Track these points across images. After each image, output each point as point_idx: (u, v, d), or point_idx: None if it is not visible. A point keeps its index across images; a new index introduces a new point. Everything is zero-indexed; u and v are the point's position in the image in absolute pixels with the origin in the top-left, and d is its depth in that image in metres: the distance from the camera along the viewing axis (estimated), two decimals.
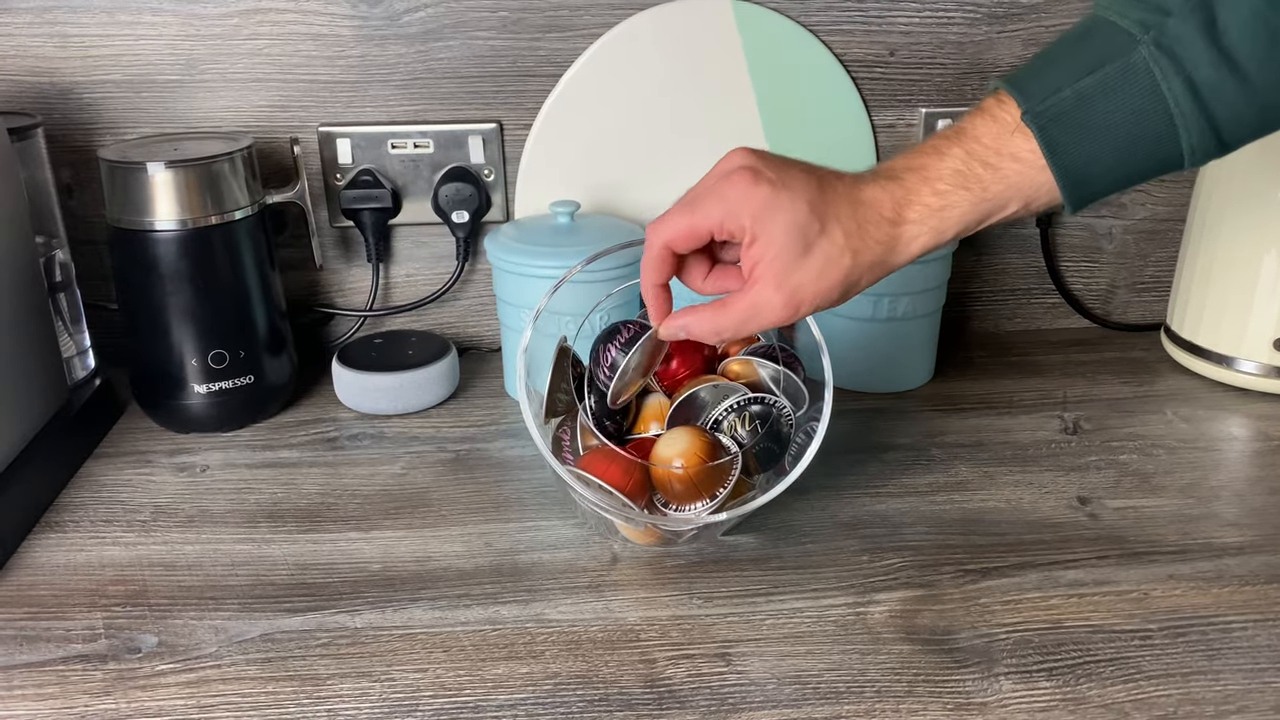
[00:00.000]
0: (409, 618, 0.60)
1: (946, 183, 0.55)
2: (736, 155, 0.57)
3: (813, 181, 0.56)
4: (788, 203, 0.55)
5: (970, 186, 0.55)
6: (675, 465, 0.60)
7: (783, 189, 0.55)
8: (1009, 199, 0.55)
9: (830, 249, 0.55)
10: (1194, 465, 0.76)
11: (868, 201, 0.56)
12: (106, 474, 0.76)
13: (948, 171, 0.55)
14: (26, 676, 0.56)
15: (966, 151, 0.55)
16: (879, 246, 0.56)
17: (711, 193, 0.56)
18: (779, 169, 0.56)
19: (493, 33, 0.87)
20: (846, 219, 0.55)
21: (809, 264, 0.55)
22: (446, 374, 0.86)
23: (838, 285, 0.56)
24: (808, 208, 0.55)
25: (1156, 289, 1.00)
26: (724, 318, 0.57)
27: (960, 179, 0.55)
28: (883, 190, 0.56)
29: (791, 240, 0.55)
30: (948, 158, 0.55)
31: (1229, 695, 0.54)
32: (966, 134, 0.55)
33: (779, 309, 0.56)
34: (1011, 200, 0.55)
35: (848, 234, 0.55)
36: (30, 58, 0.85)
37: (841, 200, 0.56)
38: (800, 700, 0.54)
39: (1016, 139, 0.54)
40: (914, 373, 0.89)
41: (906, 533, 0.68)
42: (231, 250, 0.79)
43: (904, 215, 0.56)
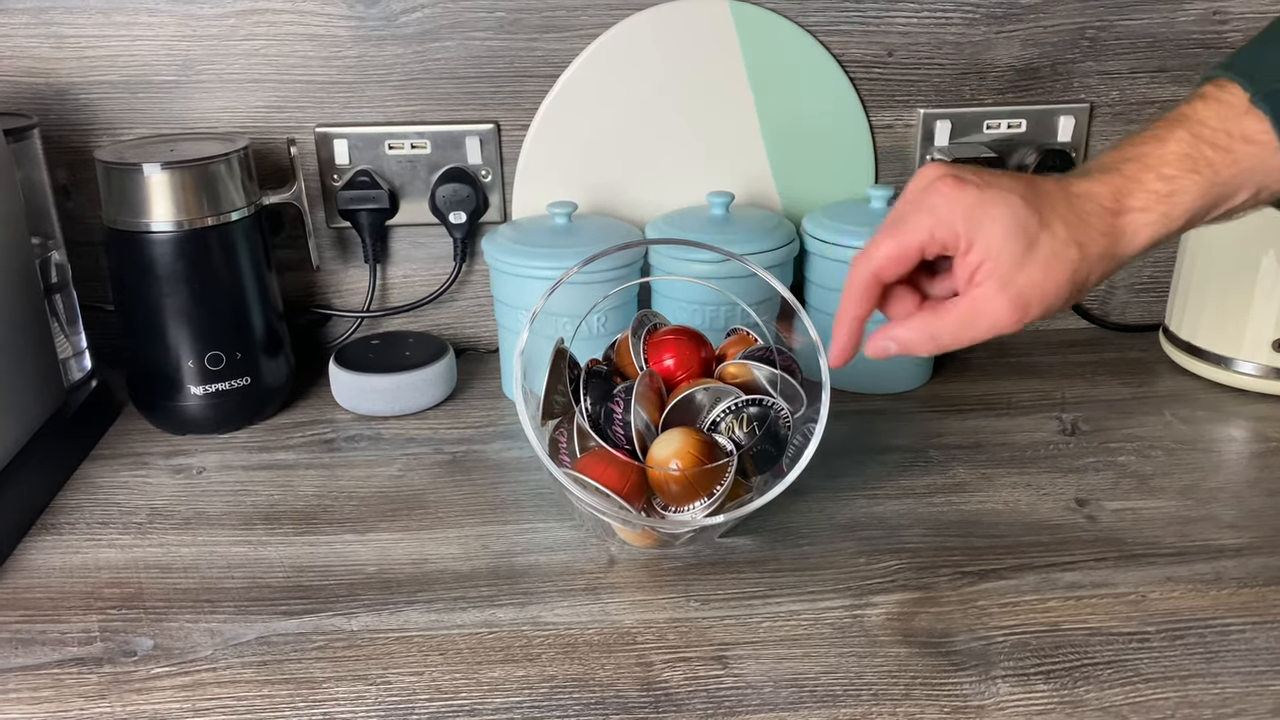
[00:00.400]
0: (405, 620, 0.60)
1: (1173, 167, 0.52)
2: (931, 169, 0.55)
3: (1020, 180, 0.54)
4: (1000, 200, 0.52)
5: (1200, 170, 0.52)
6: (672, 467, 0.60)
7: (991, 188, 0.53)
8: (1241, 184, 0.52)
9: (1054, 243, 0.52)
10: (1192, 467, 0.76)
11: (1083, 194, 0.53)
12: (102, 476, 0.76)
13: (1173, 156, 0.52)
14: (21, 680, 0.56)
15: (1193, 135, 0.52)
16: (1103, 238, 0.53)
17: (915, 207, 0.54)
18: (980, 172, 0.54)
19: (490, 33, 0.87)
20: (1065, 211, 0.53)
21: (1034, 261, 0.52)
22: (444, 375, 0.86)
23: (1066, 282, 0.53)
24: (1022, 202, 0.52)
25: (1155, 290, 1.00)
26: (941, 322, 0.54)
27: (1189, 163, 0.52)
28: (1097, 183, 0.54)
29: (1011, 237, 0.52)
30: (1170, 142, 0.53)
31: (1227, 698, 0.54)
32: (1190, 119, 0.53)
33: (1005, 312, 0.53)
34: (1244, 186, 0.52)
35: (1069, 226, 0.52)
36: (26, 58, 0.85)
37: (1055, 195, 0.53)
38: (797, 703, 0.53)
39: (1248, 121, 0.51)
40: (912, 374, 0.89)
41: (904, 535, 0.68)
42: (228, 251, 0.79)
43: (1126, 204, 0.53)
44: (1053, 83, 0.92)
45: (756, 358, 0.67)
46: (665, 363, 0.66)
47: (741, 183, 0.92)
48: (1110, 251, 0.53)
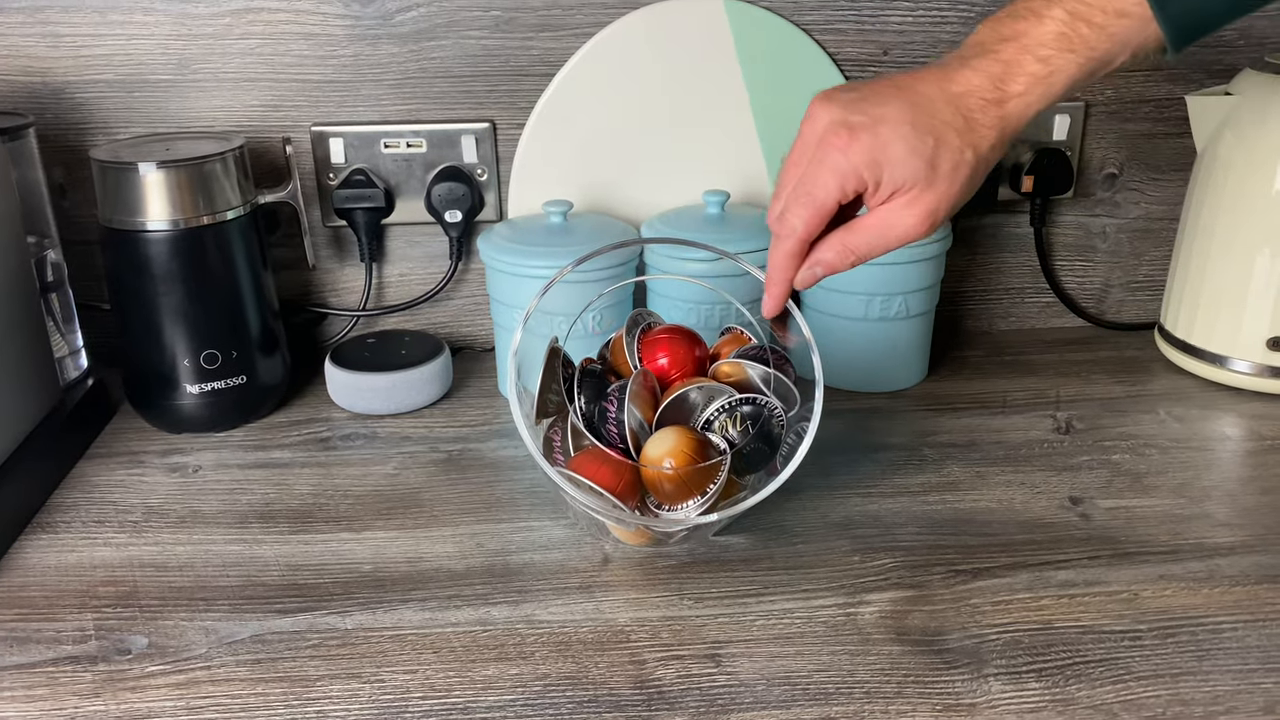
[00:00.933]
0: (399, 619, 0.60)
1: (1049, 48, 0.54)
2: (818, 110, 0.56)
3: (904, 99, 0.55)
4: (894, 136, 0.54)
5: (1076, 48, 0.53)
6: (665, 465, 0.60)
7: (880, 126, 0.54)
8: (1116, 54, 0.54)
9: (951, 155, 0.54)
10: (1186, 465, 0.76)
11: (965, 92, 0.55)
12: (98, 474, 0.76)
13: (1050, 36, 0.54)
14: (16, 678, 0.56)
15: (1069, 13, 0.53)
16: (992, 131, 0.55)
17: (817, 165, 0.56)
18: (865, 106, 0.55)
19: (485, 32, 0.87)
20: (952, 117, 0.54)
21: (937, 178, 0.55)
22: (439, 374, 0.86)
23: (967, 182, 0.55)
24: (913, 130, 0.54)
25: (1150, 288, 1.00)
26: (855, 238, 0.57)
27: (1065, 41, 0.53)
28: (976, 72, 0.55)
29: (913, 167, 0.54)
30: (1047, 20, 0.54)
31: (1218, 696, 0.54)
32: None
33: (916, 223, 0.56)
34: (1119, 54, 0.54)
35: (960, 133, 0.54)
36: (22, 57, 0.85)
37: (939, 103, 0.55)
38: (789, 701, 0.54)
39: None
40: (907, 372, 0.89)
41: (898, 533, 0.68)
42: (224, 250, 0.79)
43: (1008, 90, 0.54)
44: None
45: (750, 357, 0.67)
46: (659, 361, 0.66)
47: (737, 181, 0.92)
48: (1001, 139, 0.55)
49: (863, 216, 0.57)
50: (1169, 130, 0.94)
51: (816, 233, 0.58)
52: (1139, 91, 0.93)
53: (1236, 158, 0.83)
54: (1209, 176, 0.85)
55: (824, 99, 0.57)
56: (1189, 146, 0.88)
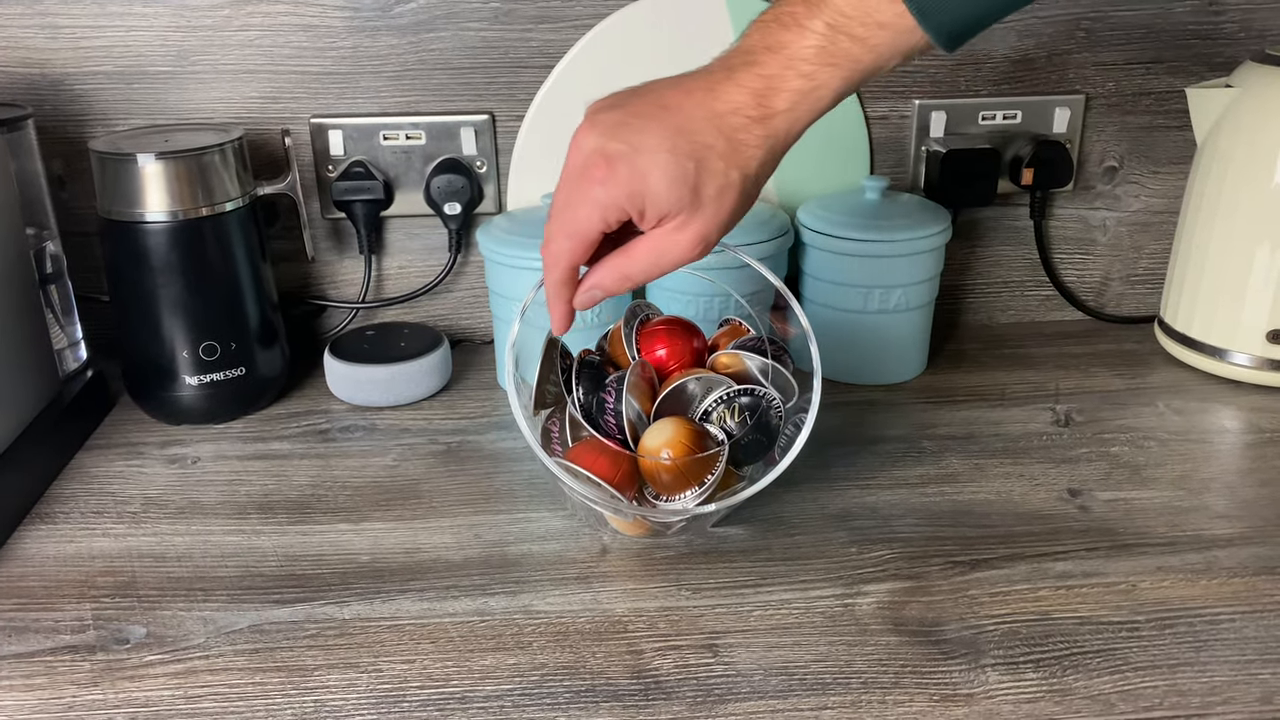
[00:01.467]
0: (397, 609, 0.60)
1: (811, 63, 0.52)
2: (582, 135, 0.55)
3: (665, 124, 0.53)
4: (652, 167, 0.52)
5: (838, 62, 0.52)
6: (663, 456, 0.60)
7: (639, 155, 0.53)
8: (882, 63, 0.53)
9: (716, 180, 0.53)
10: (1185, 457, 0.76)
11: (728, 109, 0.53)
12: (97, 465, 0.76)
13: (811, 51, 0.52)
14: (14, 667, 0.56)
15: (829, 25, 0.52)
16: (759, 150, 0.54)
17: (579, 197, 0.55)
18: (625, 133, 0.54)
19: (484, 24, 0.87)
20: (716, 140, 0.53)
21: (704, 203, 0.53)
22: (438, 366, 0.86)
23: (737, 203, 0.55)
24: (672, 159, 0.52)
25: (1150, 281, 1.00)
26: (632, 263, 0.56)
27: (826, 56, 0.52)
28: (739, 88, 0.53)
29: (677, 195, 0.53)
30: (809, 33, 0.52)
31: (1215, 686, 0.54)
32: (827, 2, 0.52)
33: (688, 247, 0.55)
34: (885, 63, 0.53)
35: (725, 157, 0.53)
36: (21, 49, 0.85)
37: (701, 124, 0.53)
38: (786, 691, 0.54)
39: (883, 5, 0.51)
40: (906, 365, 0.89)
41: (896, 525, 0.68)
42: (222, 242, 0.79)
43: (772, 107, 0.53)
44: (1048, 74, 0.92)
45: (748, 348, 0.67)
46: (657, 353, 0.66)
47: None
48: (770, 156, 0.54)
49: (637, 240, 0.56)
50: (1169, 123, 0.94)
51: (582, 260, 0.57)
52: (1139, 84, 0.93)
53: (1237, 150, 0.83)
54: (1209, 169, 0.85)
55: (589, 121, 0.55)
56: (1189, 139, 0.88)
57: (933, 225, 0.84)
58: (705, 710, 0.53)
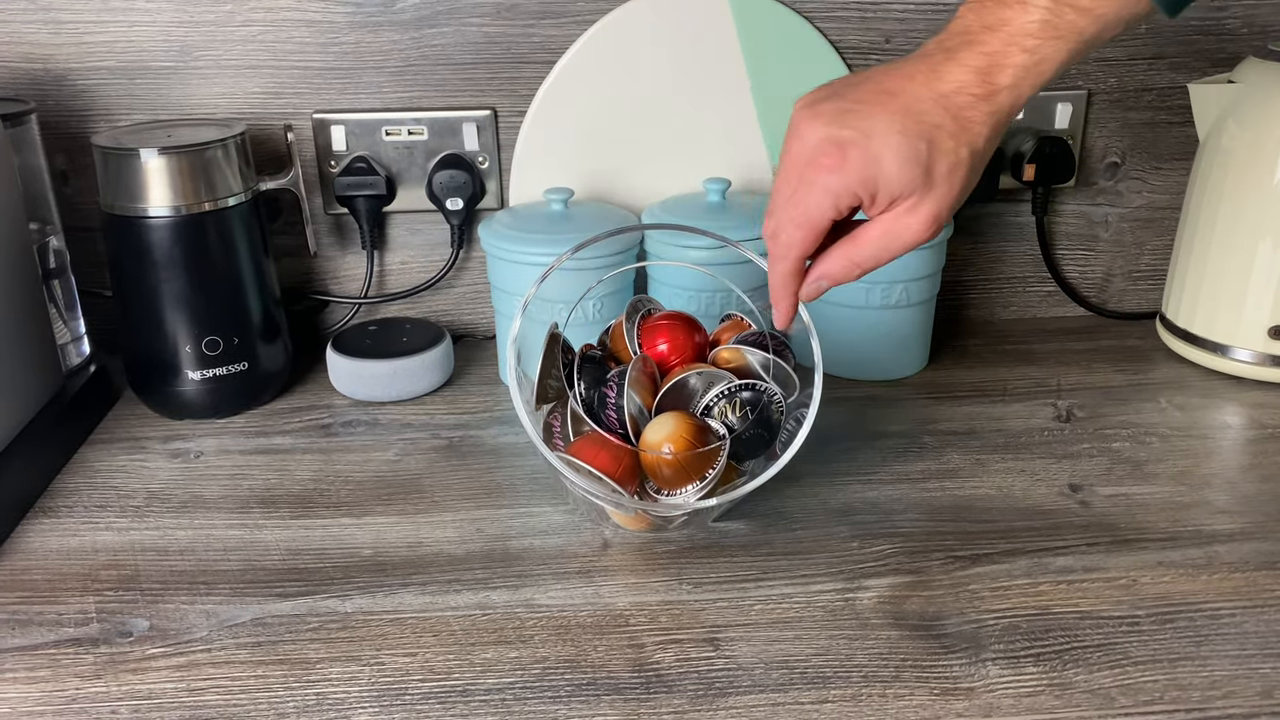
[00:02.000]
0: (399, 602, 0.61)
1: (1036, 37, 0.52)
2: (805, 126, 0.54)
3: (892, 107, 0.53)
4: (885, 148, 0.53)
5: (1063, 34, 0.52)
6: (664, 451, 0.60)
7: (871, 140, 0.53)
8: (1105, 32, 0.52)
9: (947, 159, 0.53)
10: (1187, 453, 0.76)
11: (953, 89, 0.53)
12: (101, 460, 0.77)
13: (1035, 26, 0.52)
14: (18, 660, 0.56)
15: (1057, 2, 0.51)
16: (985, 127, 0.53)
17: (809, 185, 0.54)
18: (853, 120, 0.53)
19: (487, 19, 0.87)
20: (944, 120, 0.53)
21: (935, 182, 0.54)
22: (441, 361, 0.86)
23: (967, 179, 0.54)
24: (904, 140, 0.53)
25: (1152, 277, 1.00)
26: (861, 250, 0.56)
27: (1050, 30, 0.52)
28: (962, 67, 0.53)
29: (910, 176, 0.53)
30: (1031, 8, 0.52)
31: (1215, 681, 0.54)
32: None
33: (921, 228, 0.55)
34: (1109, 31, 0.52)
35: (954, 135, 0.53)
36: (25, 44, 0.85)
37: (928, 105, 0.53)
38: (787, 685, 0.54)
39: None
40: (908, 360, 0.89)
41: (897, 519, 0.68)
42: (225, 237, 0.79)
43: (996, 83, 0.53)
44: None
45: (750, 343, 0.67)
46: (659, 348, 0.67)
47: (738, 169, 0.92)
48: (995, 132, 0.54)
49: (866, 226, 0.56)
50: (1171, 119, 0.94)
51: (812, 250, 0.57)
52: (1142, 80, 0.93)
53: (1239, 146, 0.83)
54: (1211, 165, 0.85)
55: (809, 112, 0.55)
56: (1191, 135, 0.88)
57: None
58: (706, 704, 0.53)
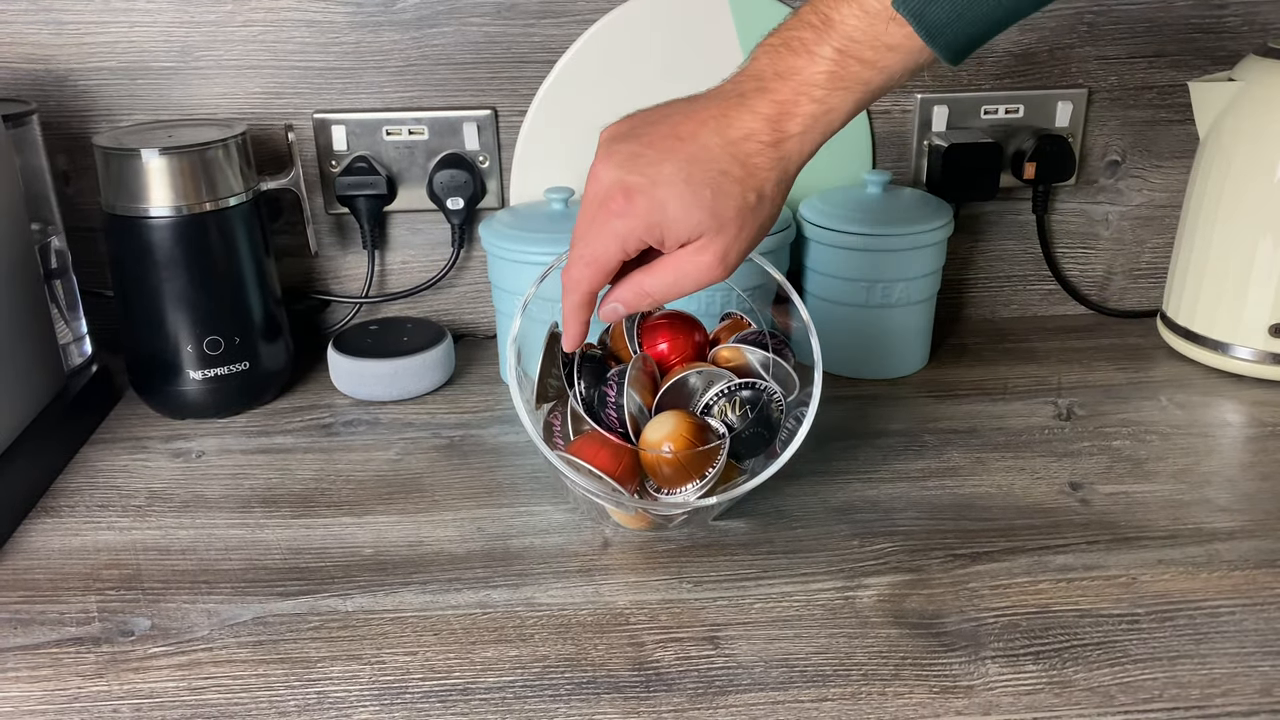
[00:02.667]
0: (400, 601, 0.61)
1: (823, 88, 0.53)
2: (599, 168, 0.56)
3: (682, 153, 0.54)
4: (669, 197, 0.54)
5: (849, 86, 0.53)
6: (664, 449, 0.60)
7: (656, 187, 0.54)
8: (891, 84, 0.54)
9: (732, 201, 0.54)
10: (1187, 451, 0.76)
11: (741, 135, 0.54)
12: (102, 459, 0.77)
13: (822, 76, 0.53)
14: (20, 659, 0.56)
15: (838, 50, 0.53)
16: (773, 172, 0.55)
17: (600, 227, 0.56)
18: (642, 165, 0.54)
19: (487, 18, 0.87)
20: (732, 167, 0.54)
21: (724, 226, 0.54)
22: (442, 360, 0.86)
23: (757, 225, 0.55)
24: (687, 188, 0.53)
25: (1153, 275, 1.00)
26: (653, 280, 0.57)
27: (837, 80, 0.53)
28: (752, 114, 0.54)
29: (696, 221, 0.54)
30: (819, 59, 0.53)
31: (1215, 679, 0.54)
32: (835, 27, 0.53)
33: (710, 268, 0.55)
34: (894, 83, 0.54)
35: (742, 182, 0.54)
36: (26, 45, 0.85)
37: (716, 152, 0.54)
38: (787, 683, 0.54)
39: (892, 29, 0.52)
40: (908, 359, 0.89)
41: (897, 518, 0.68)
42: (226, 237, 0.79)
43: (785, 130, 0.54)
44: (1050, 68, 0.92)
45: (750, 342, 0.67)
46: (659, 347, 0.67)
47: None
48: (783, 177, 0.55)
49: (660, 260, 0.57)
50: (1172, 117, 0.94)
51: (600, 286, 0.58)
52: (1142, 78, 0.93)
53: (1239, 144, 0.83)
54: (1212, 163, 0.85)
55: (605, 152, 0.56)
56: (1192, 133, 0.88)
57: (935, 220, 0.84)
58: (705, 702, 0.53)
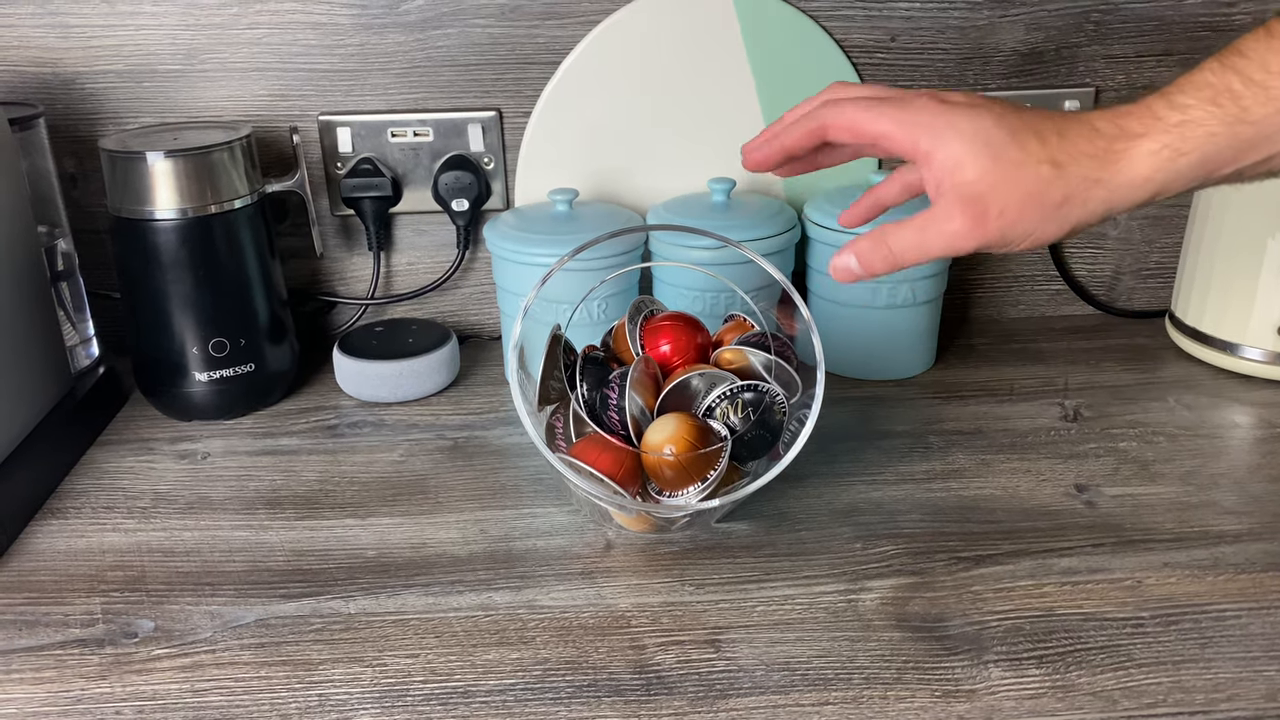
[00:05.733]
0: (402, 604, 0.61)
1: (1190, 96, 0.46)
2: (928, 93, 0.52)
3: (1009, 105, 0.50)
4: (969, 116, 0.49)
5: (1222, 102, 0.46)
6: (666, 452, 0.60)
7: (969, 108, 0.50)
8: (1274, 131, 0.45)
9: (1022, 154, 0.48)
10: (1195, 453, 0.75)
11: (1078, 119, 0.49)
12: (108, 461, 0.77)
13: (1192, 84, 0.47)
14: (25, 660, 0.57)
15: (1223, 64, 0.46)
16: (1089, 160, 0.48)
17: (896, 104, 0.51)
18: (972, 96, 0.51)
19: (491, 20, 0.87)
20: (1044, 128, 0.49)
21: (996, 170, 0.48)
22: (447, 362, 0.86)
23: (1032, 196, 0.48)
24: (993, 119, 0.49)
25: (1162, 275, 0.99)
26: (897, 231, 0.51)
27: (1210, 92, 0.46)
28: (1099, 113, 0.49)
29: (973, 148, 0.48)
30: (1197, 71, 0.47)
31: (1219, 683, 0.53)
32: (1230, 49, 0.47)
33: (959, 217, 0.49)
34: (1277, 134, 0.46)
35: (1046, 143, 0.48)
36: (33, 48, 0.86)
37: (1040, 117, 0.49)
38: (788, 686, 0.54)
39: None
40: (914, 360, 0.89)
41: (901, 520, 0.68)
42: (231, 239, 0.80)
43: (1125, 127, 0.48)
44: (1057, 67, 0.92)
45: (752, 343, 0.67)
46: (661, 348, 0.66)
47: (742, 169, 0.91)
48: (1097, 175, 0.48)
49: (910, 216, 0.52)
50: None
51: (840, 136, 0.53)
52: (1150, 77, 0.92)
53: None
54: None
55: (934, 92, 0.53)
56: None
57: None
58: (707, 705, 0.53)
